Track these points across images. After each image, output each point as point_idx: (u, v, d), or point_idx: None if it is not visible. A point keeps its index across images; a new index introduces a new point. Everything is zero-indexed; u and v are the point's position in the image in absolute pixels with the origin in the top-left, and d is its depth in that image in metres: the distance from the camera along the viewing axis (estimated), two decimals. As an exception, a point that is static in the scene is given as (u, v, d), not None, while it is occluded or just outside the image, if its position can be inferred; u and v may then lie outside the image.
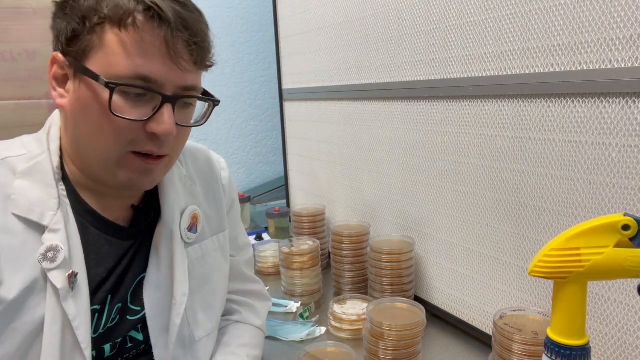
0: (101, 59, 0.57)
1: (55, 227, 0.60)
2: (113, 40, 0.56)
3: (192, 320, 0.73)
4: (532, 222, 0.83)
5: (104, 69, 0.57)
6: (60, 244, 0.59)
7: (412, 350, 0.86)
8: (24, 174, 0.61)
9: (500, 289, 0.91)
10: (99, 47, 0.57)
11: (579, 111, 0.73)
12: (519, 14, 0.80)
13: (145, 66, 0.56)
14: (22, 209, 0.59)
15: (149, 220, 0.72)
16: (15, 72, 1.31)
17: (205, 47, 0.61)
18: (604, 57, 0.69)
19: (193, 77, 0.61)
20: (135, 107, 0.58)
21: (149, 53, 0.56)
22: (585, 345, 0.46)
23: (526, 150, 0.82)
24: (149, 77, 0.57)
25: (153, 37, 0.56)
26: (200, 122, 0.67)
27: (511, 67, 0.82)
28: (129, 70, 0.56)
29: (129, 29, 0.55)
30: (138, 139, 0.59)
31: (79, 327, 0.60)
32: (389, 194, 1.19)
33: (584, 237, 0.45)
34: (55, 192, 0.61)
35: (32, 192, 0.60)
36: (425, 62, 1.01)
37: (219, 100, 0.67)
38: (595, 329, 0.75)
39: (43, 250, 0.58)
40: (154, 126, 0.58)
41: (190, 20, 0.58)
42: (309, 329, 1.04)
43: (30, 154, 0.62)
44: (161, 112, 0.58)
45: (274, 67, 1.74)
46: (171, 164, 0.67)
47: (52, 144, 0.64)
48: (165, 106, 0.58)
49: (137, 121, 0.58)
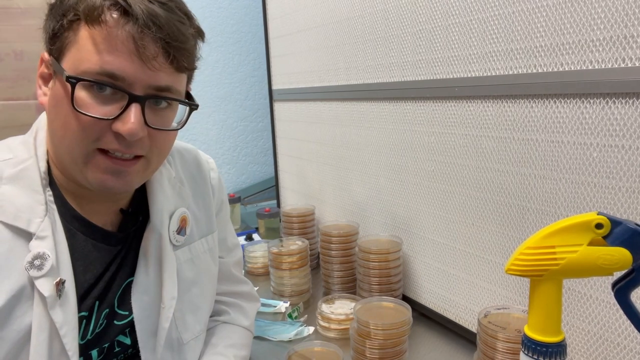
0: (73, 56, 0.57)
1: (42, 234, 0.59)
2: (84, 37, 0.56)
3: (180, 323, 0.73)
4: (515, 221, 0.84)
5: (73, 65, 0.56)
6: (48, 251, 0.58)
7: (399, 348, 0.87)
8: (10, 180, 0.59)
9: (486, 288, 0.92)
10: (73, 44, 0.57)
11: (560, 111, 0.74)
12: (502, 15, 0.81)
13: (113, 63, 0.55)
14: (9, 216, 0.58)
15: (138, 224, 0.71)
16: (2, 73, 1.31)
17: (184, 48, 0.59)
18: (584, 58, 0.70)
19: (167, 77, 0.59)
20: (102, 104, 0.56)
21: (117, 50, 0.55)
22: (561, 342, 0.47)
23: (510, 150, 0.83)
24: (115, 74, 0.55)
25: (121, 33, 0.55)
26: (176, 127, 0.64)
27: (495, 68, 0.83)
28: (96, 66, 0.55)
29: (98, 25, 0.55)
30: (104, 137, 0.57)
31: (66, 335, 0.59)
32: (378, 193, 1.20)
33: (559, 236, 0.46)
34: (43, 198, 0.60)
35: (18, 198, 0.59)
36: (412, 63, 1.02)
37: (197, 105, 0.65)
38: (575, 326, 0.76)
39: (30, 258, 0.57)
40: (119, 125, 0.56)
41: (164, 18, 0.56)
42: (297, 329, 1.04)
43: (16, 158, 0.61)
44: (127, 111, 0.56)
45: (264, 67, 1.74)
46: (150, 168, 0.64)
47: (39, 148, 0.63)
48: (132, 105, 0.57)
49: (102, 119, 0.56)
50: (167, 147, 0.66)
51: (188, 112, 0.65)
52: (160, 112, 0.61)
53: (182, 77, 0.63)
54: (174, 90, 0.61)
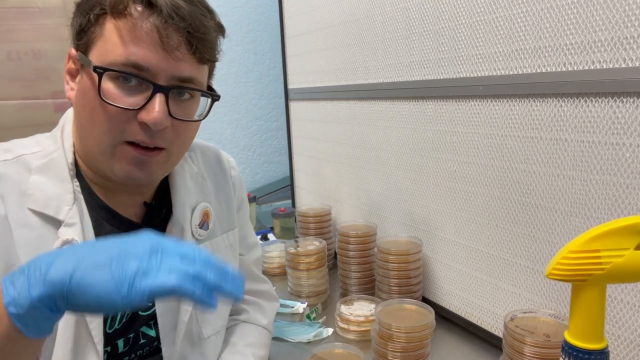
0: (100, 48, 0.58)
1: (70, 221, 0.60)
2: (110, 29, 0.57)
3: (201, 318, 0.74)
4: (543, 223, 0.82)
5: (100, 58, 0.58)
6: (76, 237, 0.60)
7: (421, 352, 0.85)
8: (39, 170, 0.61)
9: (510, 291, 0.90)
10: (100, 37, 0.58)
11: (591, 111, 0.72)
12: (530, 12, 0.79)
13: (138, 53, 0.57)
14: (38, 204, 0.59)
15: (161, 217, 0.72)
16: (21, 72, 1.31)
17: (206, 39, 0.60)
18: (617, 56, 0.68)
19: (190, 68, 0.60)
20: (127, 95, 0.58)
21: (142, 40, 0.57)
22: (604, 349, 0.45)
23: (537, 151, 0.81)
24: (140, 64, 0.57)
25: (146, 25, 0.56)
26: (198, 119, 0.66)
27: (522, 66, 0.81)
28: (122, 57, 0.57)
29: (124, 18, 0.56)
30: (130, 128, 0.59)
31: (92, 321, 0.60)
32: (396, 194, 1.18)
33: (604, 239, 0.44)
34: (71, 187, 0.62)
35: (47, 187, 0.61)
36: (434, 62, 1.00)
37: (219, 96, 0.67)
38: (608, 332, 0.74)
39: (59, 244, 0.59)
40: (144, 115, 0.58)
41: (187, 10, 0.58)
42: (316, 330, 1.03)
43: (44, 151, 0.64)
44: (152, 101, 0.58)
45: (280, 66, 1.73)
46: (171, 160, 0.66)
47: (66, 141, 0.65)
48: (157, 95, 0.58)
49: (128, 109, 0.58)
50: (189, 140, 0.68)
51: (209, 104, 0.67)
52: (183, 103, 0.63)
53: (204, 69, 0.64)
54: (196, 81, 0.62)
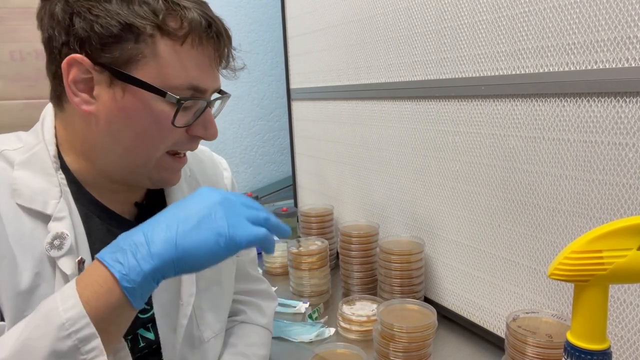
0: (152, 69, 0.57)
1: (59, 215, 0.60)
2: (168, 52, 0.57)
3: (200, 321, 0.73)
4: (545, 223, 0.82)
5: (155, 79, 0.57)
6: (66, 230, 0.59)
7: (423, 352, 0.85)
8: (23, 165, 0.60)
9: (512, 291, 0.90)
10: (151, 57, 0.56)
11: (594, 110, 0.72)
12: (533, 12, 0.79)
13: (199, 78, 0.60)
14: (25, 199, 0.59)
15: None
16: (24, 72, 1.32)
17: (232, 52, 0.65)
18: (620, 56, 0.67)
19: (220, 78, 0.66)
20: (182, 114, 0.61)
21: (204, 65, 0.60)
22: (607, 350, 0.45)
23: (540, 151, 0.81)
24: (200, 87, 0.60)
25: (209, 51, 0.60)
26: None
27: (524, 66, 0.81)
28: (184, 82, 0.59)
29: (188, 43, 0.58)
30: (179, 141, 0.62)
31: None
32: (399, 194, 1.18)
33: (606, 240, 0.44)
34: (56, 180, 0.61)
35: (32, 181, 0.60)
36: (436, 61, 1.00)
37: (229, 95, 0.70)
38: (611, 332, 0.74)
39: (50, 239, 0.58)
40: (200, 130, 0.63)
41: (223, 26, 0.62)
42: (318, 330, 1.03)
43: (26, 146, 0.62)
44: (205, 117, 0.62)
45: (282, 66, 1.73)
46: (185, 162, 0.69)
47: (46, 134, 0.63)
48: (207, 110, 0.63)
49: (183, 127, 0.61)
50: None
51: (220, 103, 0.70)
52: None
53: None
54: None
